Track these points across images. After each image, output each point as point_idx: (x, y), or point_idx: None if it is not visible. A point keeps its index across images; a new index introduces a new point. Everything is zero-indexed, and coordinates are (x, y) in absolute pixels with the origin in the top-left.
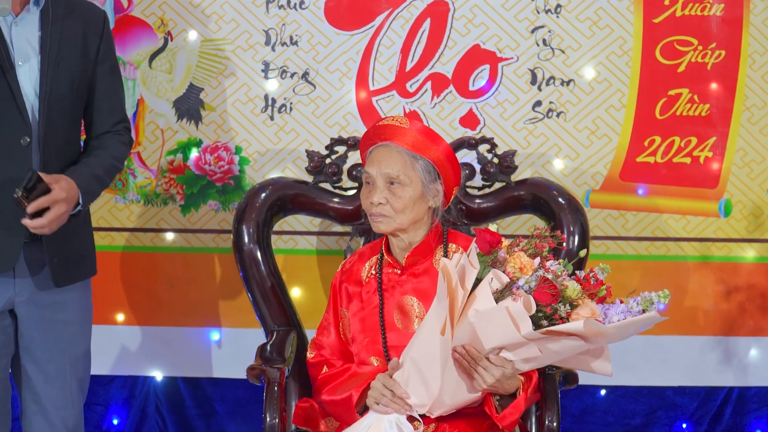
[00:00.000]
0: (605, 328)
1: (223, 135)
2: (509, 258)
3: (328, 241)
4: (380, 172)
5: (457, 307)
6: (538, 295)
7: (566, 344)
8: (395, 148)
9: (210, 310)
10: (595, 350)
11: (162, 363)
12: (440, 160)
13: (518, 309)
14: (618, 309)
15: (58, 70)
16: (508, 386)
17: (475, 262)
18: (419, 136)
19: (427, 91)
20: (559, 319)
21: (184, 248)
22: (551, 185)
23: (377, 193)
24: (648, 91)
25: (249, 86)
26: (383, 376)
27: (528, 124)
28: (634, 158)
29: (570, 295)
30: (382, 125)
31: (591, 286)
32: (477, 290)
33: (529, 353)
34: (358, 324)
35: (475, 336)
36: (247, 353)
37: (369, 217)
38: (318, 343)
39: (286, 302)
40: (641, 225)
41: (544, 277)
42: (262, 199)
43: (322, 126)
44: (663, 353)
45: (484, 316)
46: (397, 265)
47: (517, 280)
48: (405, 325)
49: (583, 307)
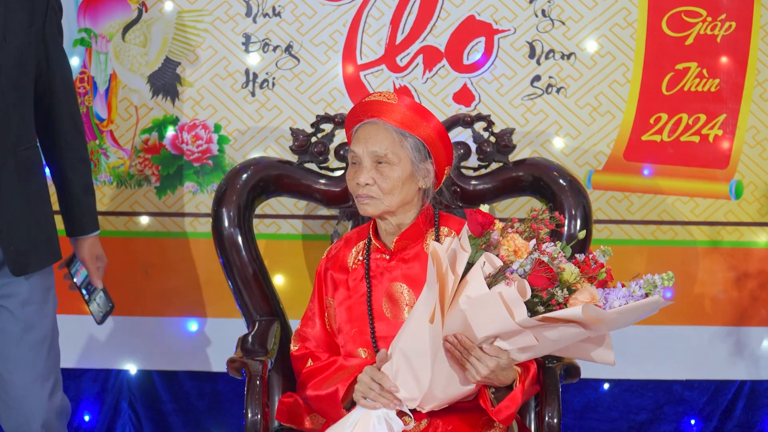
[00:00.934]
0: (605, 314)
1: (201, 112)
2: (503, 241)
3: (314, 225)
4: (367, 150)
5: (448, 293)
6: (534, 279)
7: (565, 332)
8: (383, 125)
9: (188, 299)
10: (596, 338)
11: (136, 355)
12: (431, 138)
13: (512, 294)
14: (619, 293)
15: (5, 42)
16: (503, 378)
17: (466, 245)
18: (408, 112)
19: (419, 66)
20: (556, 305)
21: (159, 233)
22: (551, 166)
23: (364, 173)
24: (654, 65)
25: (229, 60)
26: (371, 369)
27: (526, 100)
28: (639, 137)
29: (567, 278)
30: (369, 101)
31: (590, 269)
32: (468, 275)
33: (525, 342)
34: (344, 313)
35: (467, 324)
36: (228, 345)
37: (355, 199)
38: (302, 334)
39: (268, 290)
40: (647, 208)
41: (539, 260)
42: (242, 181)
43: (306, 102)
44: (670, 344)
45: (476, 303)
46: (386, 250)
47: (511, 263)
48: (394, 314)
49: (582, 291)
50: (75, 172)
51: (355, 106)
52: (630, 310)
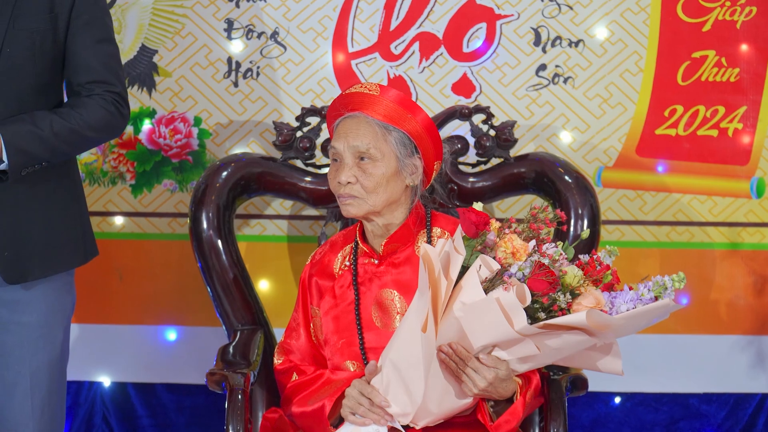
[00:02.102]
0: (612, 320)
1: (179, 104)
2: (500, 242)
3: (301, 226)
4: (348, 145)
5: (441, 299)
6: (534, 283)
7: (568, 340)
8: (364, 118)
9: (165, 306)
10: (602, 346)
11: (110, 366)
12: (417, 132)
13: (511, 300)
14: (626, 297)
15: (14, 29)
16: (503, 390)
17: (460, 247)
18: (392, 104)
19: (415, 54)
20: (558, 311)
21: (135, 234)
22: (557, 162)
23: (345, 170)
24: (669, 54)
25: (210, 48)
26: (359, 383)
27: (530, 91)
28: (653, 131)
29: (570, 282)
30: (350, 93)
31: (595, 271)
32: (463, 280)
33: (525, 351)
34: (331, 323)
35: (462, 333)
36: (208, 355)
37: (338, 199)
38: (286, 347)
39: (251, 297)
40: (661, 207)
41: (539, 263)
42: (223, 179)
43: (293, 94)
44: (686, 355)
45: (471, 310)
46: (374, 255)
47: (509, 266)
48: (384, 323)
49: (586, 295)
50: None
51: (336, 99)
52: (638, 315)
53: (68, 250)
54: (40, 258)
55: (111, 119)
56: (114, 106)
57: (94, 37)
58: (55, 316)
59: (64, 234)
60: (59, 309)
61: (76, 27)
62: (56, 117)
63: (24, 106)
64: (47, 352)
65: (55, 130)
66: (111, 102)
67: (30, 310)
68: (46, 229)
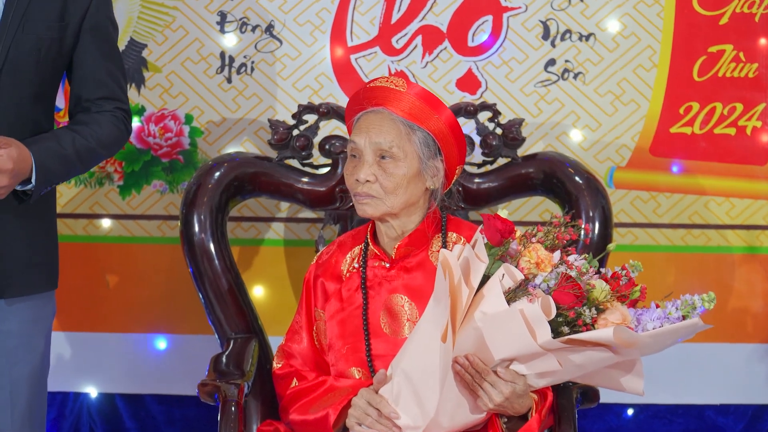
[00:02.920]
0: (639, 337)
1: (170, 101)
2: (524, 251)
3: (297, 229)
4: (369, 141)
5: (460, 308)
6: (559, 295)
7: (591, 356)
8: (388, 115)
9: (155, 314)
10: (625, 363)
11: (97, 376)
12: (442, 132)
13: (535, 312)
14: (653, 315)
15: (22, 33)
16: (518, 406)
17: (482, 254)
18: (418, 101)
19: (417, 48)
20: (583, 326)
21: (123, 238)
22: (566, 161)
23: (364, 168)
24: (684, 48)
25: (202, 42)
26: (367, 392)
27: (539, 87)
28: (668, 129)
29: (597, 296)
30: (374, 87)
31: (621, 286)
32: (485, 288)
33: (546, 366)
34: (336, 328)
35: (481, 344)
36: (199, 365)
37: (354, 197)
38: (287, 350)
39: (245, 304)
40: (676, 209)
41: (566, 275)
42: (215, 179)
43: (289, 90)
44: (702, 364)
45: (493, 320)
46: (386, 258)
47: (534, 277)
48: (393, 329)
49: (612, 311)
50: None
51: (358, 92)
52: (665, 334)
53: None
54: (19, 276)
55: (120, 137)
56: (123, 124)
57: (103, 50)
58: (35, 325)
59: (49, 248)
60: (39, 317)
61: (86, 39)
62: (77, 136)
63: (22, 112)
64: (27, 362)
65: (77, 149)
66: (121, 120)
67: (9, 319)
68: (27, 247)
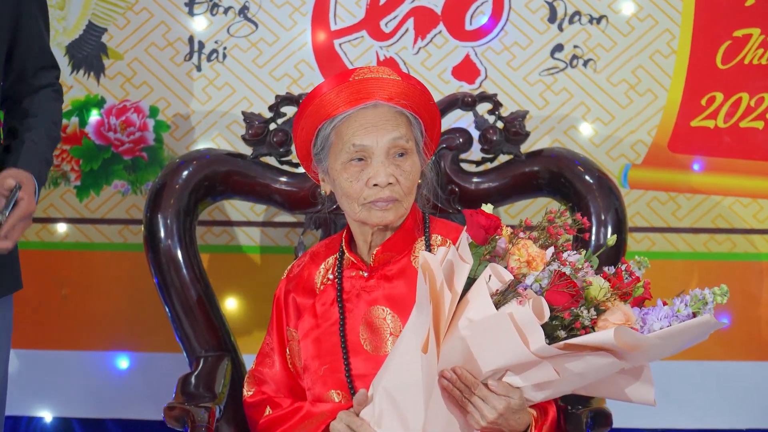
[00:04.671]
0: (644, 339)
1: (133, 92)
2: (512, 249)
3: (275, 234)
4: (381, 139)
5: (444, 315)
6: (553, 296)
7: (592, 362)
8: (391, 107)
9: (116, 329)
10: (631, 371)
11: (52, 399)
12: (429, 122)
13: (527, 316)
14: (660, 313)
15: None
16: (515, 423)
17: (466, 255)
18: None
19: (409, 32)
20: (581, 329)
21: (80, 244)
22: (575, 159)
23: (381, 169)
24: (706, 32)
25: (168, 26)
26: (347, 415)
27: (545, 75)
28: (688, 122)
29: (595, 295)
30: (363, 80)
31: (623, 283)
32: (470, 293)
33: (542, 376)
34: (311, 347)
35: (468, 355)
36: (166, 386)
37: (369, 206)
38: (258, 376)
39: (216, 318)
40: (697, 212)
41: (559, 272)
42: (183, 179)
43: (266, 79)
44: (727, 385)
45: (480, 327)
46: (363, 266)
47: (524, 277)
48: (375, 346)
49: (614, 311)
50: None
51: (339, 87)
52: (674, 334)
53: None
54: None
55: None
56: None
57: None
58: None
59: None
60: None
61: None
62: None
63: None
64: None
65: (51, 148)
66: (59, 92)
67: None
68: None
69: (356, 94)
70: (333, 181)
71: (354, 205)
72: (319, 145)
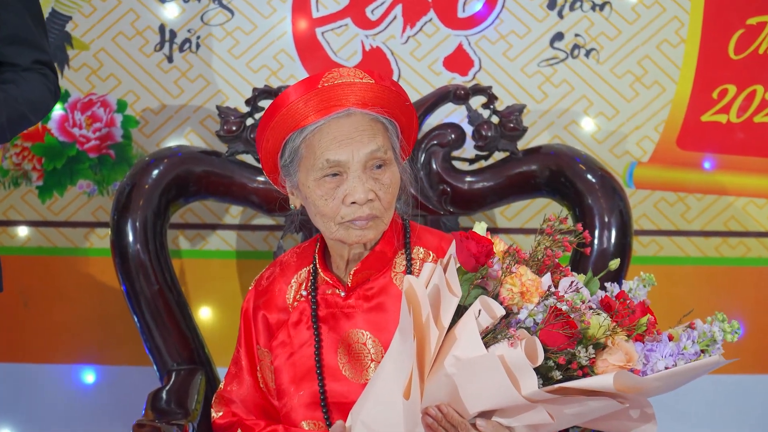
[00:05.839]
0: (645, 382)
1: (99, 84)
2: (505, 278)
3: (252, 238)
4: (358, 153)
5: (429, 353)
6: (548, 336)
7: (590, 405)
8: (365, 115)
9: (82, 340)
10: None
11: (12, 416)
12: (406, 125)
13: (518, 359)
14: (665, 350)
15: None
16: None
17: (455, 286)
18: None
19: (397, 20)
20: (578, 369)
21: (43, 249)
22: (576, 156)
23: (358, 184)
24: (718, 20)
25: (137, 13)
26: None
27: (544, 67)
28: (699, 117)
29: (593, 333)
30: (334, 85)
31: (624, 320)
32: (458, 328)
33: (535, 419)
34: (284, 371)
35: (455, 393)
36: (135, 402)
37: (347, 225)
38: (226, 396)
39: (189, 329)
40: (709, 214)
41: (555, 309)
42: (153, 179)
43: (242, 71)
44: (739, 399)
45: (468, 367)
46: (339, 285)
47: (517, 312)
48: (355, 372)
49: (614, 351)
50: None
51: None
52: (679, 374)
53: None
54: None
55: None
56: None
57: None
58: None
59: None
60: None
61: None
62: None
63: None
64: None
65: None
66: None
67: None
68: None
69: (327, 102)
70: (305, 197)
71: (330, 224)
72: (288, 157)
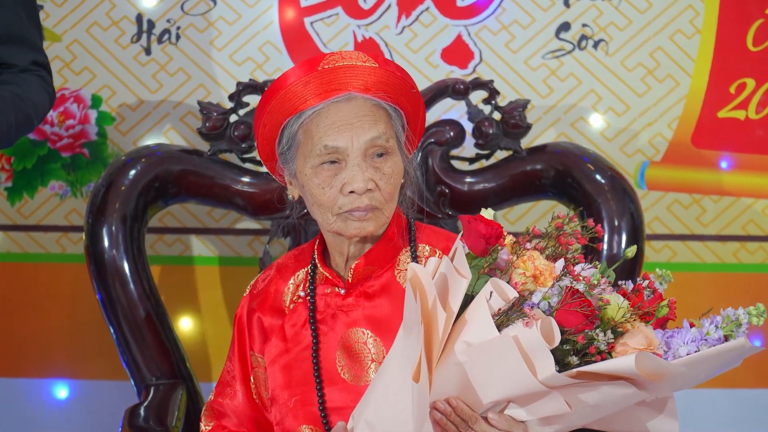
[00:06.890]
0: (669, 366)
1: (72, 79)
2: (517, 261)
3: (236, 243)
4: (358, 139)
5: (437, 339)
6: (564, 316)
7: (609, 393)
8: (365, 99)
9: (54, 353)
10: (653, 402)
11: None
12: (412, 113)
13: (534, 340)
14: (687, 336)
15: None
16: None
17: (463, 268)
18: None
19: (391, 9)
20: (596, 354)
21: (11, 255)
22: (584, 155)
23: (358, 173)
24: (735, 9)
25: (113, 2)
26: None
27: (549, 59)
28: (715, 113)
29: (612, 315)
30: (334, 68)
31: (644, 302)
32: (468, 312)
33: (551, 409)
34: (279, 375)
35: (466, 384)
36: (111, 419)
37: (345, 216)
38: (217, 408)
39: (169, 341)
40: (725, 217)
41: (572, 289)
42: (130, 180)
43: (226, 64)
44: (760, 415)
45: (480, 353)
46: (340, 282)
47: (531, 294)
48: (355, 374)
49: (634, 333)
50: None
51: (306, 76)
52: (703, 361)
53: None
54: None
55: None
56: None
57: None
58: None
59: None
60: None
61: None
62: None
63: None
64: None
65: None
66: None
67: None
68: None
69: (327, 85)
70: (302, 186)
71: (327, 215)
72: (285, 144)
